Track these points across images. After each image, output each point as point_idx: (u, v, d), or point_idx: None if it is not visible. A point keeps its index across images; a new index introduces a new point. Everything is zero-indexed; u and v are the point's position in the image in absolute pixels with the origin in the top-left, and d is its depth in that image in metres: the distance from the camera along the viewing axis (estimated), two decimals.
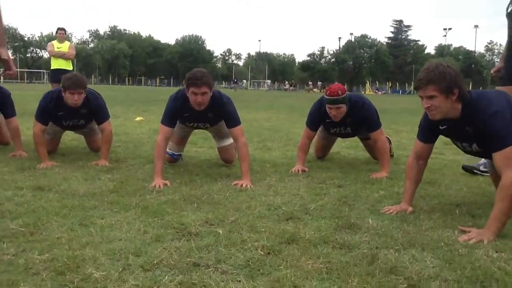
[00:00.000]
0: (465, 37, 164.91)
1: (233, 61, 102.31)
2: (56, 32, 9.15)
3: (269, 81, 62.22)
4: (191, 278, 1.77)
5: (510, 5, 3.73)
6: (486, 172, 3.73)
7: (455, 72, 2.47)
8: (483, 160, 3.82)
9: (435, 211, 2.81)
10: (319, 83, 64.34)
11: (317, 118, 4.20)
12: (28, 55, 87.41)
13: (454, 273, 1.86)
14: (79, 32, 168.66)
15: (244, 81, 67.24)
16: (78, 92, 3.90)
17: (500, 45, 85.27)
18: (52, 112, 4.12)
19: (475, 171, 3.90)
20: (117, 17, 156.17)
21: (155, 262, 1.90)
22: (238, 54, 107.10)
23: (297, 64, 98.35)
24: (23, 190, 3.03)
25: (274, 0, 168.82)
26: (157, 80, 79.76)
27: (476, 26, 76.72)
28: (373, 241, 2.23)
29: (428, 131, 2.81)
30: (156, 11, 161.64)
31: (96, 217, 2.50)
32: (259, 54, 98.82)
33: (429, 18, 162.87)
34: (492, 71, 4.17)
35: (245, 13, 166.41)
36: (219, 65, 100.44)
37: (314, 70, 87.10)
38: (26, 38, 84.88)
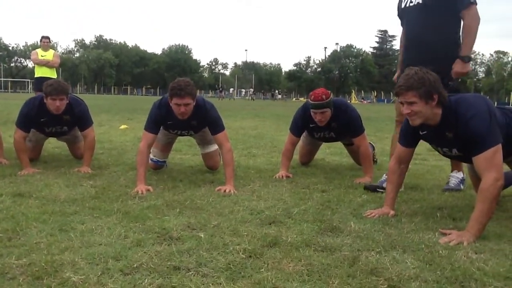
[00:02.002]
0: None
1: (219, 70, 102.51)
2: (41, 41, 9.07)
3: (251, 90, 61.99)
4: (171, 282, 1.76)
5: (402, 1, 3.58)
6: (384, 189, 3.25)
7: (434, 78, 2.50)
8: (384, 177, 3.51)
9: (417, 214, 2.83)
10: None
11: (301, 123, 4.22)
12: (12, 64, 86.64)
13: (434, 274, 1.88)
14: (65, 42, 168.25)
15: (231, 89, 66.99)
16: (60, 98, 3.86)
17: (483, 54, 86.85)
18: (34, 118, 4.07)
19: (378, 189, 3.43)
20: (103, 26, 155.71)
21: (135, 266, 1.88)
22: (224, 64, 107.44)
23: (283, 73, 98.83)
24: (2, 197, 2.98)
25: (260, 10, 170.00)
26: (144, 89, 79.53)
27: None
28: (354, 243, 2.24)
29: (409, 136, 2.84)
30: (142, 21, 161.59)
31: (76, 223, 2.47)
32: (245, 64, 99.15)
33: None
34: (394, 79, 3.79)
35: (232, 22, 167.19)
36: (206, 74, 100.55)
37: (300, 79, 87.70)
38: (10, 48, 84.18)
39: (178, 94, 3.38)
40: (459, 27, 3.33)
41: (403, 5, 3.56)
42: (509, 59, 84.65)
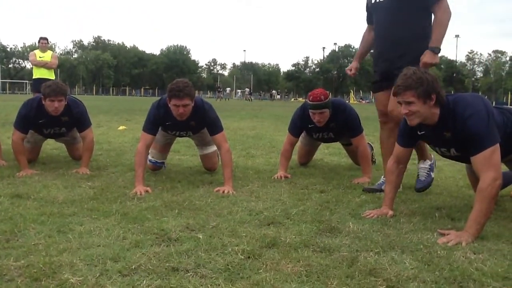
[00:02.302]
0: (446, 47, 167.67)
1: (218, 71, 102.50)
2: (39, 42, 9.05)
3: (247, 90, 61.59)
4: (170, 283, 1.76)
5: None
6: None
7: (432, 78, 2.50)
8: (382, 179, 3.45)
9: (415, 214, 2.83)
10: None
11: (300, 124, 4.22)
12: (11, 65, 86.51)
13: (432, 274, 1.88)
14: (63, 43, 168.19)
15: (228, 88, 66.54)
16: (58, 99, 3.86)
17: (481, 54, 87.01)
18: (33, 120, 4.06)
19: (376, 192, 3.39)
20: (101, 27, 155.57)
21: (133, 267, 1.88)
22: (223, 64, 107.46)
23: (282, 73, 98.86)
24: (0, 198, 2.98)
25: (258, 10, 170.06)
26: (142, 90, 79.46)
27: (457, 36, 77.79)
28: (353, 244, 2.24)
29: (407, 136, 2.84)
30: (140, 21, 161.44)
31: (74, 224, 2.47)
32: (244, 64, 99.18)
33: None
34: (346, 70, 3.86)
35: (230, 23, 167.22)
36: (204, 75, 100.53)
37: (299, 79, 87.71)
38: (8, 49, 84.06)
39: (177, 95, 3.37)
40: (430, 23, 3.24)
41: (373, 0, 3.48)
42: (507, 58, 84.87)
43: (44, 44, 8.96)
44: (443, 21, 3.18)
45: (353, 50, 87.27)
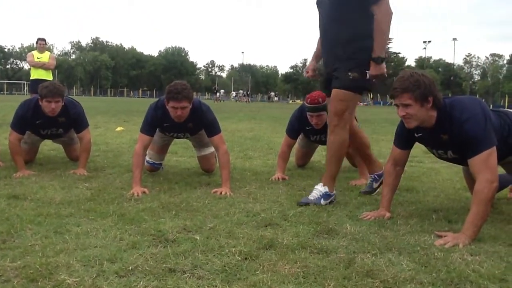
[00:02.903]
0: (444, 50, 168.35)
1: (216, 72, 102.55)
2: (37, 43, 9.05)
3: (240, 92, 61.24)
4: (166, 284, 1.75)
5: None
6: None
7: (429, 80, 2.50)
8: (370, 180, 3.53)
9: (412, 216, 2.83)
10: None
11: (297, 126, 4.22)
12: (8, 66, 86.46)
13: (429, 276, 1.88)
14: (61, 44, 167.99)
15: (222, 90, 66.09)
16: (55, 100, 3.85)
17: (478, 57, 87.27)
18: (30, 121, 4.05)
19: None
20: (99, 28, 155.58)
21: (130, 268, 1.87)
22: (221, 66, 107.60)
23: (280, 75, 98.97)
24: None
25: (256, 12, 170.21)
26: (140, 91, 79.43)
27: (454, 39, 78.25)
28: (350, 245, 2.24)
29: (405, 138, 2.84)
30: (139, 23, 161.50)
31: (71, 225, 2.46)
32: (242, 66, 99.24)
33: (409, 30, 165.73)
34: (305, 73, 3.67)
35: (228, 25, 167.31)
36: (202, 76, 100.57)
37: (297, 82, 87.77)
38: (6, 50, 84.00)
39: (175, 98, 3.37)
40: (371, 22, 3.01)
41: None
42: (505, 62, 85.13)
43: (42, 45, 8.95)
44: (383, 27, 2.99)
45: None
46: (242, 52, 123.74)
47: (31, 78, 8.87)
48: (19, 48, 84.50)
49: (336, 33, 3.14)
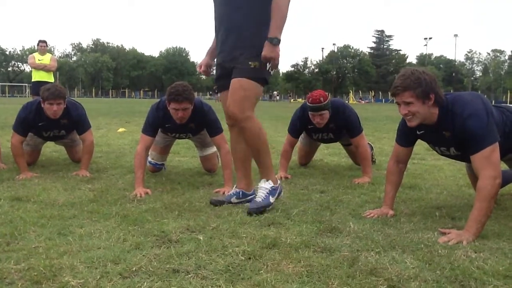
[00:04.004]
0: (445, 46, 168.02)
1: None
2: (38, 45, 9.07)
3: None
4: (170, 284, 1.75)
5: None
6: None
7: (430, 78, 2.49)
8: (235, 190, 3.13)
9: (415, 214, 2.83)
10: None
11: (299, 125, 4.22)
12: (10, 68, 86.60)
13: (433, 274, 1.88)
14: (62, 46, 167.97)
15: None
16: (57, 102, 3.85)
17: (480, 53, 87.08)
18: (32, 123, 4.06)
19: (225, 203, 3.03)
20: (100, 30, 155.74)
21: (134, 269, 1.87)
22: None
23: (281, 74, 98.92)
24: (0, 201, 2.97)
25: None
26: (141, 92, 79.49)
27: (455, 35, 78.18)
28: (354, 244, 2.24)
29: (407, 136, 2.83)
30: (139, 23, 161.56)
31: (75, 226, 2.46)
32: None
33: (410, 27, 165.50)
34: (197, 68, 3.35)
35: None
36: (203, 77, 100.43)
37: (298, 80, 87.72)
38: (7, 52, 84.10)
39: (176, 99, 3.37)
40: (270, 7, 2.77)
41: None
42: (506, 57, 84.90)
43: (43, 47, 8.97)
44: (280, 5, 2.73)
45: (352, 51, 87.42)
46: None
47: (32, 80, 8.88)
48: (20, 50, 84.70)
49: (233, 20, 2.86)
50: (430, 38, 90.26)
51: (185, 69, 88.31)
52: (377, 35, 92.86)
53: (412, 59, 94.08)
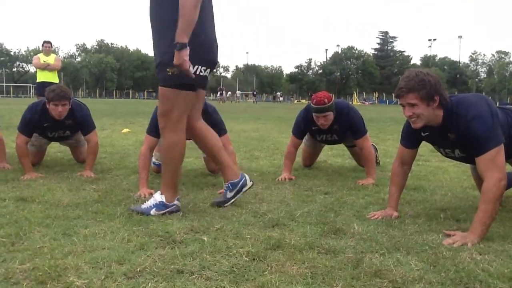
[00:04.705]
0: (449, 48, 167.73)
1: (221, 73, 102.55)
2: (42, 45, 9.10)
3: (238, 92, 60.75)
4: (175, 285, 1.76)
5: None
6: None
7: (435, 79, 2.48)
8: (158, 194, 2.86)
9: (420, 216, 2.82)
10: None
11: (303, 126, 4.22)
12: (14, 69, 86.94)
13: (438, 276, 1.87)
14: (66, 46, 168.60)
15: (224, 92, 65.81)
16: (62, 104, 3.87)
17: (484, 55, 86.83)
18: (37, 124, 4.07)
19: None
20: (104, 31, 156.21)
21: (139, 269, 1.88)
22: (226, 67, 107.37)
23: (284, 76, 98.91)
24: (5, 201, 2.98)
25: (261, 12, 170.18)
26: (145, 93, 79.62)
27: (460, 37, 77.92)
28: (358, 245, 2.23)
29: (411, 137, 2.82)
30: (143, 24, 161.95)
31: (79, 227, 2.47)
32: (247, 66, 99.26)
33: (414, 29, 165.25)
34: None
35: (233, 25, 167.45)
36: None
37: (302, 81, 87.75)
38: (12, 53, 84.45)
39: None
40: None
41: None
42: (511, 59, 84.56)
43: (47, 47, 9.00)
44: (185, 6, 2.53)
45: (356, 52, 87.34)
46: (247, 53, 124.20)
47: (37, 81, 8.91)
48: (25, 51, 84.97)
49: (155, 19, 2.73)
50: (435, 40, 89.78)
51: None
52: (381, 36, 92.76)
53: (416, 60, 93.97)
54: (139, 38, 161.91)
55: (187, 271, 1.89)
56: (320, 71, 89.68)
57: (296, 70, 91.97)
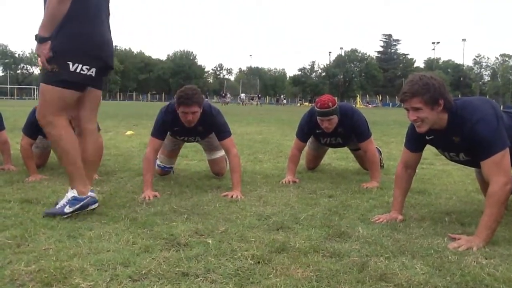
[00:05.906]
0: (453, 51, 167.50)
1: (224, 76, 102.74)
2: None
3: (243, 95, 60.78)
4: None
5: None
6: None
7: (439, 83, 2.47)
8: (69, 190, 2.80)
9: (425, 219, 2.81)
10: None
11: (307, 129, 4.21)
12: (19, 71, 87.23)
13: (443, 280, 1.87)
14: None
15: (228, 95, 65.94)
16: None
17: (488, 58, 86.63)
18: (39, 127, 4.08)
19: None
20: None
21: (143, 272, 1.88)
22: (229, 69, 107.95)
23: (288, 78, 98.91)
24: (10, 203, 2.99)
25: (264, 15, 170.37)
26: (149, 95, 79.80)
27: (463, 40, 77.66)
28: (363, 249, 2.23)
29: (416, 141, 2.81)
30: (147, 27, 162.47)
31: (84, 229, 2.47)
32: (250, 69, 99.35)
33: (417, 31, 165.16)
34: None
35: (236, 28, 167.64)
36: (211, 80, 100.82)
37: (305, 84, 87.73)
38: (16, 55, 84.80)
39: (185, 103, 3.39)
40: (78, 1, 2.64)
41: None
42: None
43: None
44: (50, 0, 2.53)
45: (359, 55, 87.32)
46: (250, 55, 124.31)
47: None
48: (29, 53, 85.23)
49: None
50: (438, 43, 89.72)
51: (192, 73, 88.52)
52: (384, 39, 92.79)
53: (419, 63, 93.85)
54: (142, 41, 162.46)
55: (192, 274, 1.89)
56: (324, 74, 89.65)
57: (300, 72, 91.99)
